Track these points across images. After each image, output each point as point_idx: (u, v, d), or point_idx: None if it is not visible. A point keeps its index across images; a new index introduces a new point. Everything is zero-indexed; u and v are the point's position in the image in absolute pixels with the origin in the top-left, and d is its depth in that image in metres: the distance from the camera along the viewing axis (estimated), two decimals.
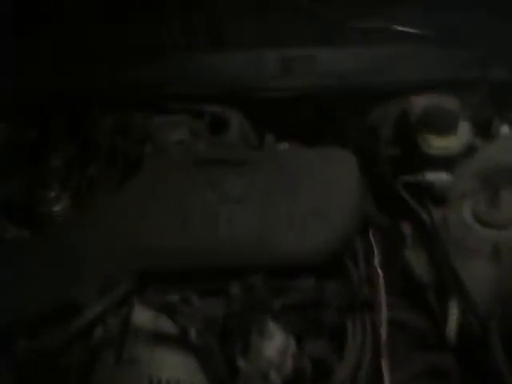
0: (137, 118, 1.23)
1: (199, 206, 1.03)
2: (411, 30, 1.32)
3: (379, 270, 0.98)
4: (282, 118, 1.29)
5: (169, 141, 1.18)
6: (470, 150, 1.10)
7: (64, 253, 0.97)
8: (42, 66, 1.30)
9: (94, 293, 0.90)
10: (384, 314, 0.91)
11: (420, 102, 1.16)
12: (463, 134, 1.11)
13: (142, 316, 0.88)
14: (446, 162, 1.09)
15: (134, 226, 1.01)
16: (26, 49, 1.30)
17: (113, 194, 1.08)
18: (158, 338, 0.84)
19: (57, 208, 1.10)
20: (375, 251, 1.02)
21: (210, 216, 1.01)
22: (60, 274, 0.94)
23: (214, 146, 1.19)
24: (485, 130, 1.16)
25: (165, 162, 1.15)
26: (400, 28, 1.33)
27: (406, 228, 1.09)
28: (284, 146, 1.24)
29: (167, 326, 0.87)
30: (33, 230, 1.09)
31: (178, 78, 1.32)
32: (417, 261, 1.03)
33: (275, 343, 0.85)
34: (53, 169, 1.17)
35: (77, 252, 0.97)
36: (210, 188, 1.05)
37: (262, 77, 1.29)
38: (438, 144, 1.11)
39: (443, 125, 1.12)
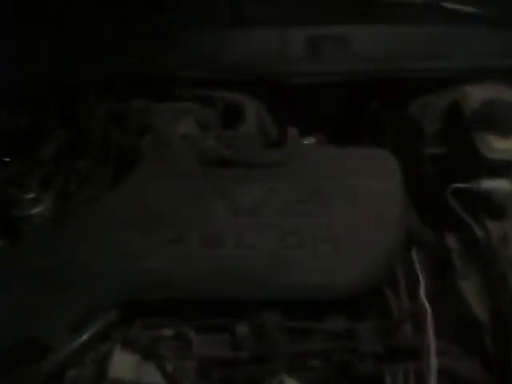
0: (136, 106, 1.10)
1: (202, 221, 0.86)
2: (461, 7, 1.19)
3: (426, 304, 0.80)
4: (308, 109, 1.19)
5: (172, 134, 1.04)
6: None
7: (34, 278, 0.81)
8: (42, 51, 1.18)
9: (66, 328, 0.75)
10: (433, 361, 0.75)
11: (476, 93, 1.04)
12: None
13: (123, 363, 0.74)
14: (508, 168, 0.96)
15: (120, 245, 0.84)
16: (24, 35, 1.18)
17: (97, 202, 0.92)
18: None
19: (36, 210, 0.95)
20: (420, 278, 0.85)
21: (215, 234, 0.84)
22: (29, 303, 0.78)
23: (226, 142, 1.03)
24: None
25: (164, 161, 0.98)
26: (448, 4, 1.19)
27: (456, 246, 0.96)
28: (309, 141, 1.13)
29: (153, 376, 0.74)
30: (8, 238, 0.94)
31: (188, 60, 1.17)
32: (469, 290, 0.88)
33: None
34: (36, 163, 1.03)
35: (48, 277, 0.81)
36: (217, 197, 0.90)
37: (286, 59, 1.16)
38: (500, 146, 0.96)
39: (507, 123, 0.96)
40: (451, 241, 0.96)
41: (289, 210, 0.87)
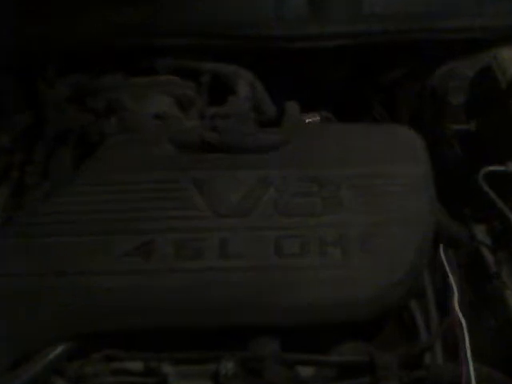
0: (103, 82, 0.94)
1: (176, 223, 0.70)
2: None
3: (462, 320, 0.66)
4: (311, 81, 1.05)
5: (143, 113, 0.89)
6: None
7: None
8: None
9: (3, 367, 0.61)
10: None
11: None
12: None
13: None
14: None
15: (71, 257, 0.68)
16: None
17: (49, 199, 0.76)
18: None
19: None
20: (454, 287, 0.71)
21: (191, 240, 0.68)
22: None
23: (210, 123, 0.86)
24: None
25: (132, 147, 0.81)
26: None
27: (488, 240, 0.84)
28: (312, 118, 0.97)
29: None
30: None
31: (164, 23, 1.00)
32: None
33: None
34: None
35: None
36: (196, 191, 0.73)
37: (284, 20, 1.00)
38: None
39: None
40: (482, 233, 0.85)
41: (287, 207, 0.72)
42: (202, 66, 0.98)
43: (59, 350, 0.63)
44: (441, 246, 0.78)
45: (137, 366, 0.62)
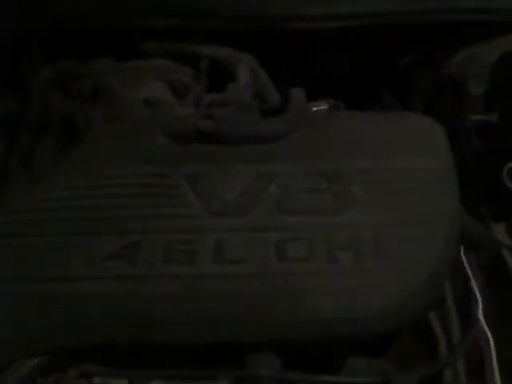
0: (91, 66, 0.88)
1: (164, 222, 0.63)
2: None
3: (488, 331, 0.60)
4: (317, 66, 0.98)
5: (132, 99, 0.82)
6: None
7: None
8: None
9: None
10: None
11: None
12: None
13: None
14: None
15: (49, 260, 0.61)
16: None
17: (26, 194, 0.69)
18: None
19: None
20: (478, 294, 0.64)
21: (182, 242, 0.61)
22: None
23: (206, 110, 0.78)
24: None
25: (119, 136, 0.74)
26: None
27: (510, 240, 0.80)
28: (320, 106, 0.89)
29: None
30: None
31: (157, 3, 0.91)
32: None
33: None
34: None
35: None
36: (189, 187, 0.66)
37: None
38: None
39: None
40: (502, 233, 0.81)
41: (291, 205, 0.64)
42: (199, 50, 0.90)
43: (33, 363, 0.57)
44: (462, 248, 0.71)
45: (120, 383, 0.56)
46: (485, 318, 0.62)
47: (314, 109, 0.92)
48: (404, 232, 0.61)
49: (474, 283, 0.66)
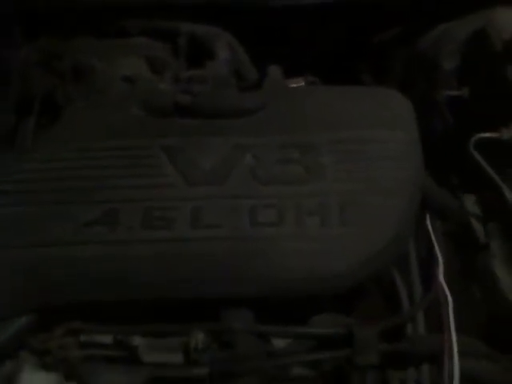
0: (71, 44, 0.91)
1: (143, 192, 0.68)
2: None
3: (447, 291, 0.65)
4: (295, 44, 1.02)
5: (111, 75, 0.86)
6: None
7: None
8: None
9: None
10: (456, 367, 0.60)
11: (509, 17, 0.90)
12: None
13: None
14: None
15: (33, 227, 0.66)
16: None
17: (9, 167, 0.73)
18: None
19: None
20: (439, 257, 0.70)
21: (160, 209, 0.66)
22: None
23: (183, 86, 0.83)
24: None
25: (98, 110, 0.79)
26: None
27: (479, 211, 0.84)
28: (297, 83, 0.94)
29: None
30: None
31: None
32: (499, 270, 0.74)
33: None
34: None
35: None
36: (167, 158, 0.71)
37: None
38: None
39: None
40: (471, 204, 0.85)
41: (264, 174, 0.70)
42: (178, 28, 0.95)
43: (22, 321, 0.62)
44: (427, 215, 0.77)
45: (106, 338, 0.61)
46: (445, 278, 0.69)
47: (293, 85, 0.97)
48: (369, 199, 0.67)
49: (436, 247, 0.72)
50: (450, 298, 0.65)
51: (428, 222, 0.76)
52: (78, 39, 0.92)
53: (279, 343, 0.62)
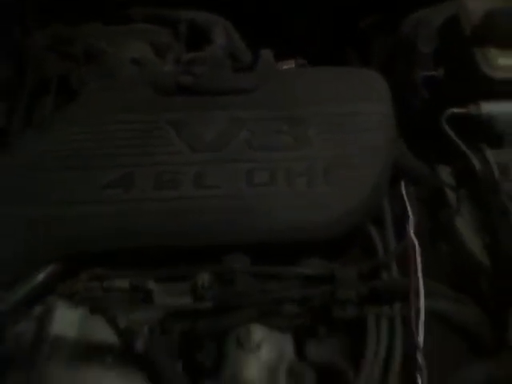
0: (81, 29, 0.99)
1: (154, 158, 0.77)
2: None
3: (415, 241, 0.75)
4: (286, 28, 1.11)
5: (121, 58, 0.94)
6: None
7: None
8: None
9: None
10: (421, 301, 0.70)
11: (478, 5, 0.94)
12: None
13: (66, 318, 0.67)
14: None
15: (58, 189, 0.75)
16: None
17: (30, 139, 0.82)
18: (89, 351, 0.66)
19: None
20: (409, 213, 0.79)
21: (168, 172, 0.75)
22: None
23: (185, 67, 0.91)
24: None
25: (111, 90, 0.87)
26: None
27: (451, 180, 0.90)
28: (288, 65, 1.02)
29: (103, 332, 0.67)
30: None
31: None
32: (465, 227, 0.83)
33: (262, 356, 0.66)
34: None
35: None
36: (173, 129, 0.80)
37: None
38: (504, 62, 0.88)
39: None
40: (445, 174, 0.90)
41: (258, 143, 0.79)
42: (179, 15, 1.02)
43: (50, 269, 0.71)
44: (402, 181, 0.86)
45: (123, 283, 0.70)
46: (416, 234, 0.77)
47: (285, 67, 1.03)
48: (349, 163, 0.77)
49: (408, 207, 0.80)
50: (417, 247, 0.74)
51: (402, 187, 0.84)
52: (86, 25, 0.99)
53: (272, 284, 0.71)
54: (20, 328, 0.67)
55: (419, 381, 0.66)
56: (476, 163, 0.86)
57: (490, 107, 0.88)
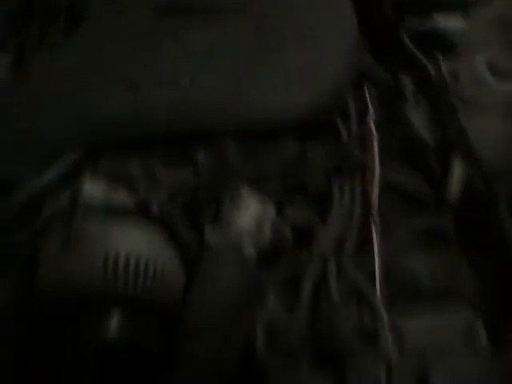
0: None
1: (156, 65, 0.87)
2: None
3: (373, 128, 0.89)
4: None
5: None
6: None
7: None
8: None
9: (34, 166, 0.81)
10: (376, 175, 0.84)
11: None
12: None
13: (95, 188, 0.79)
14: (461, 4, 0.99)
15: (78, 92, 0.87)
16: None
17: (51, 55, 0.94)
18: (115, 211, 0.78)
19: None
20: (370, 107, 0.92)
21: (168, 74, 0.87)
22: None
23: None
24: None
25: (115, 11, 0.99)
26: None
27: (408, 82, 1.00)
28: None
29: (125, 198, 0.80)
30: None
31: None
32: (418, 118, 0.94)
33: (250, 211, 0.78)
34: None
35: (13, 123, 0.85)
36: (170, 42, 0.90)
37: None
38: None
39: None
40: (405, 79, 1.00)
41: (243, 53, 0.90)
42: None
43: (75, 155, 0.83)
44: (365, 84, 0.99)
45: (135, 170, 0.83)
46: (374, 122, 0.92)
47: None
48: (319, 60, 0.89)
49: (368, 101, 0.94)
50: (375, 132, 0.89)
51: (365, 89, 0.98)
52: None
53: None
54: (54, 201, 0.80)
55: (373, 229, 0.82)
56: (431, 69, 0.96)
57: (440, 21, 0.98)
